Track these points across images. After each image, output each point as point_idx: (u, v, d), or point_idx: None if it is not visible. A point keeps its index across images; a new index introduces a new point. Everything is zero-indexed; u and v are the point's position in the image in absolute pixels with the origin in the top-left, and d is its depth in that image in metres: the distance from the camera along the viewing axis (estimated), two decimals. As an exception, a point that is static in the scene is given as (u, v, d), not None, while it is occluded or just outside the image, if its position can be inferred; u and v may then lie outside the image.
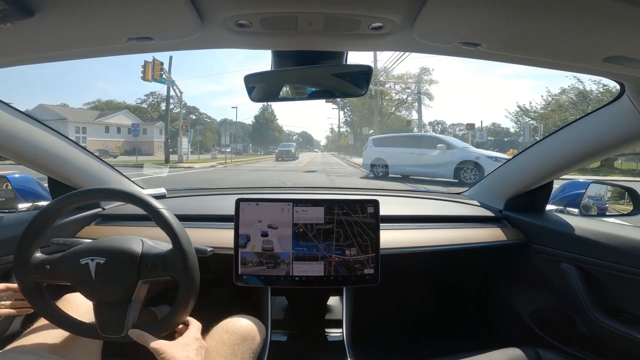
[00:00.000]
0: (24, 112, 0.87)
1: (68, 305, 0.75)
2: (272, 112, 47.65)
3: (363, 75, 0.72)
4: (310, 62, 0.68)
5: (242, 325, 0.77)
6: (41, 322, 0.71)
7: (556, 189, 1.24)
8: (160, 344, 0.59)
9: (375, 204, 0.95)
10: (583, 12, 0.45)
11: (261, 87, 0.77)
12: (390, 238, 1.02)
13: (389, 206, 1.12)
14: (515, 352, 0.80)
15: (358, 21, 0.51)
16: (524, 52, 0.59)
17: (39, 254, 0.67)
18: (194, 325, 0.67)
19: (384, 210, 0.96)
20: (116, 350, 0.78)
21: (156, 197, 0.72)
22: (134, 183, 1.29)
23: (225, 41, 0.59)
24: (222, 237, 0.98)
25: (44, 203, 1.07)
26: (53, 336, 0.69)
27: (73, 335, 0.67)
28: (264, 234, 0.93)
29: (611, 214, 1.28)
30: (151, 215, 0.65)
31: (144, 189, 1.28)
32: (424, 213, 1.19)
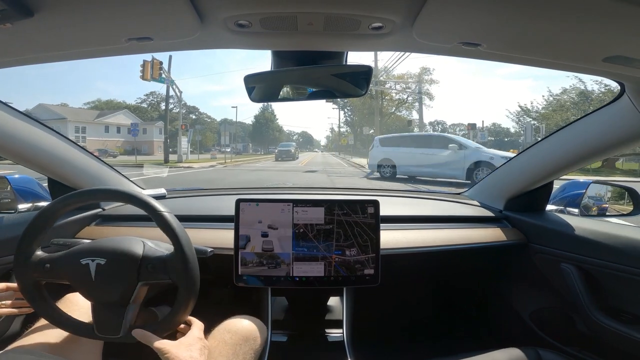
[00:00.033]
0: (23, 112, 0.87)
1: (70, 304, 0.75)
2: (272, 112, 47.74)
3: (363, 75, 0.72)
4: (310, 62, 0.68)
5: (244, 326, 0.77)
6: (42, 322, 0.71)
7: (556, 188, 1.24)
8: (164, 344, 0.59)
9: (376, 204, 0.95)
10: (583, 12, 0.45)
11: (261, 88, 0.77)
12: (390, 238, 1.02)
13: (389, 206, 1.12)
14: (515, 352, 0.80)
15: (358, 21, 0.51)
16: (524, 52, 0.59)
17: (39, 252, 0.67)
18: (197, 325, 0.67)
19: (384, 211, 0.96)
20: (117, 351, 0.78)
21: (156, 198, 0.72)
22: (134, 183, 1.29)
23: (225, 41, 0.59)
24: (222, 238, 0.97)
25: (44, 204, 1.07)
26: (54, 336, 0.68)
27: (74, 335, 0.67)
28: (264, 235, 0.93)
29: (611, 214, 1.28)
30: (154, 218, 0.65)
31: (143, 189, 1.28)
32: (424, 213, 1.19)
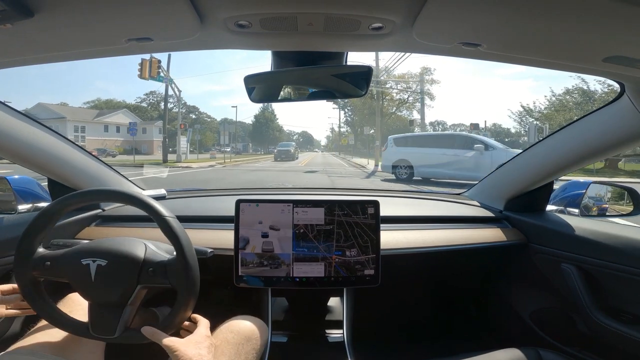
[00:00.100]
0: (22, 112, 0.87)
1: (71, 304, 0.75)
2: (272, 112, 47.78)
3: (363, 75, 0.72)
4: (310, 63, 0.68)
5: (246, 326, 0.77)
6: (42, 323, 0.71)
7: (557, 188, 1.24)
8: (173, 342, 0.59)
9: (376, 204, 0.95)
10: (583, 12, 0.45)
11: (261, 88, 0.77)
12: (390, 239, 1.02)
13: (389, 207, 1.12)
14: (515, 353, 0.80)
15: (358, 22, 0.51)
16: (524, 53, 0.59)
17: (41, 249, 0.67)
18: (204, 323, 0.67)
19: (384, 211, 0.96)
20: (119, 352, 0.78)
21: (156, 198, 0.72)
22: (133, 184, 1.28)
23: (225, 42, 0.59)
24: (222, 238, 0.97)
25: (43, 204, 1.06)
26: (55, 337, 0.68)
27: (75, 336, 0.67)
28: (264, 235, 0.93)
29: (611, 214, 1.28)
30: (157, 222, 0.64)
31: (143, 189, 1.28)
32: (425, 214, 1.19)
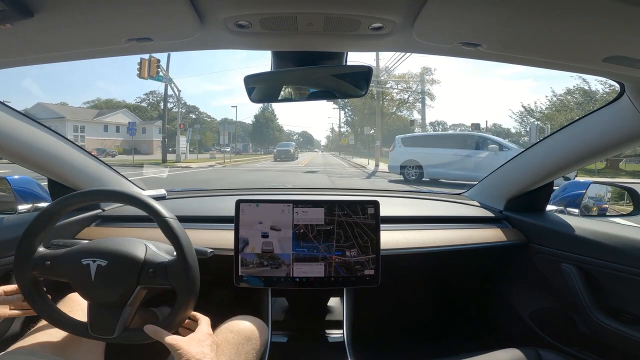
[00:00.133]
0: (22, 112, 0.87)
1: (72, 304, 0.75)
2: (273, 112, 47.74)
3: (363, 75, 0.72)
4: (310, 63, 0.68)
5: (246, 326, 0.77)
6: (42, 323, 0.71)
7: (557, 189, 1.24)
8: (176, 340, 0.59)
9: (376, 204, 0.95)
10: (583, 12, 0.45)
11: (261, 88, 0.77)
12: (390, 239, 1.02)
13: (389, 207, 1.12)
14: (515, 353, 0.80)
15: (358, 22, 0.51)
16: (524, 53, 0.59)
17: (41, 249, 0.67)
18: (205, 321, 0.67)
19: (384, 211, 0.96)
20: (119, 352, 0.78)
21: (156, 199, 0.72)
22: (133, 184, 1.28)
23: (225, 42, 0.59)
24: (222, 238, 0.97)
25: (43, 204, 1.06)
26: (55, 337, 0.68)
27: (75, 336, 0.67)
28: (264, 235, 0.93)
29: (611, 214, 1.28)
30: (158, 223, 0.64)
31: (143, 189, 1.28)
32: (425, 214, 1.19)
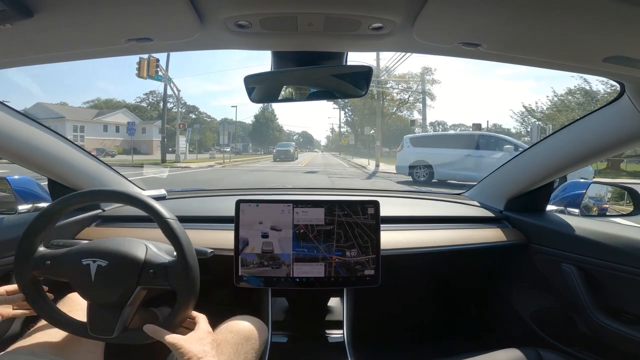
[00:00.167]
0: (21, 112, 0.87)
1: (71, 304, 0.75)
2: (272, 112, 47.65)
3: (363, 75, 0.72)
4: (310, 63, 0.68)
5: (246, 326, 0.77)
6: (42, 323, 0.71)
7: (557, 189, 1.24)
8: (177, 339, 0.59)
9: (376, 204, 0.95)
10: (583, 12, 0.45)
11: (261, 88, 0.77)
12: (390, 239, 1.02)
13: (389, 207, 1.12)
14: (516, 353, 0.80)
15: (358, 22, 0.51)
16: (524, 53, 0.59)
17: (42, 248, 0.67)
18: (202, 318, 0.67)
19: (384, 211, 0.96)
20: (119, 352, 0.78)
21: (156, 199, 0.72)
22: (133, 184, 1.28)
23: (225, 42, 0.59)
24: (223, 239, 0.97)
25: (43, 204, 1.06)
26: (54, 337, 0.68)
27: (75, 336, 0.67)
28: (264, 235, 0.93)
29: (612, 214, 1.28)
30: (159, 224, 0.64)
31: (144, 190, 1.27)
32: (425, 214, 1.19)
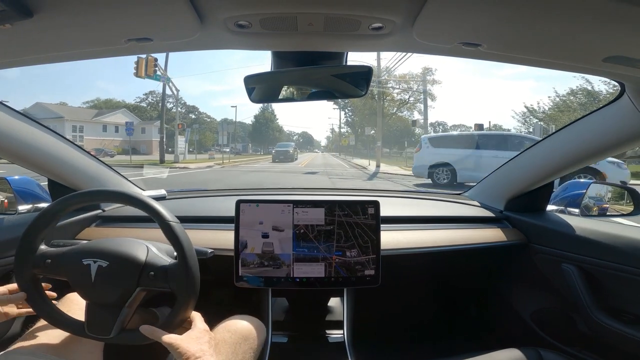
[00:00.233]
0: (21, 112, 0.87)
1: (70, 303, 0.75)
2: (272, 112, 47.57)
3: (363, 75, 0.72)
4: (310, 63, 0.68)
5: (244, 325, 0.77)
6: (42, 323, 0.71)
7: (558, 188, 1.24)
8: (174, 339, 0.59)
9: (376, 205, 0.95)
10: (583, 12, 0.45)
11: (261, 88, 0.77)
12: (391, 239, 1.02)
13: (389, 207, 1.12)
14: (516, 353, 0.80)
15: (358, 22, 0.51)
16: (524, 53, 0.59)
17: (43, 246, 0.67)
18: (199, 317, 0.67)
19: (384, 211, 0.96)
20: (118, 352, 0.78)
21: (156, 199, 0.72)
22: (133, 184, 1.28)
23: (225, 42, 0.59)
24: (223, 239, 0.97)
25: (43, 205, 1.06)
26: (54, 337, 0.68)
27: (74, 336, 0.67)
28: (265, 235, 0.93)
29: (612, 214, 1.28)
30: (161, 226, 0.64)
31: (144, 190, 1.27)
32: (425, 214, 1.19)
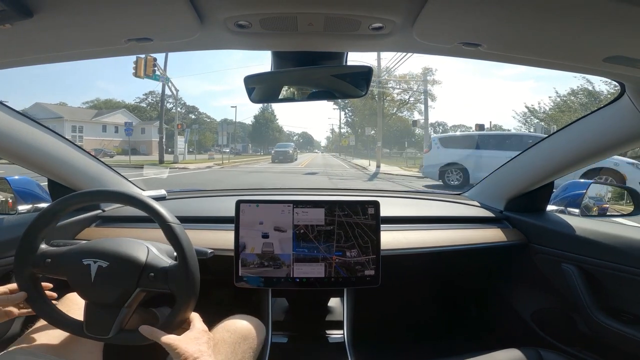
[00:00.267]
0: (21, 112, 0.87)
1: (70, 303, 0.75)
2: (272, 112, 47.58)
3: (363, 76, 0.72)
4: (310, 63, 0.68)
5: (243, 325, 0.77)
6: (41, 323, 0.71)
7: (558, 189, 1.24)
8: (172, 339, 0.59)
9: (376, 205, 0.95)
10: (583, 12, 0.45)
11: (261, 88, 0.77)
12: (391, 239, 1.01)
13: (389, 207, 1.11)
14: (516, 353, 0.80)
15: (358, 22, 0.51)
16: (524, 53, 0.59)
17: (43, 245, 0.67)
18: (197, 317, 0.67)
19: (384, 212, 0.96)
20: (118, 352, 0.77)
21: (156, 199, 0.72)
22: (133, 184, 1.28)
23: (225, 42, 0.59)
24: (223, 239, 0.97)
25: (43, 205, 1.06)
26: (54, 337, 0.68)
27: (74, 335, 0.67)
28: (265, 236, 0.93)
29: (612, 214, 1.28)
30: (162, 227, 0.64)
31: (144, 190, 1.27)
32: (425, 214, 1.19)
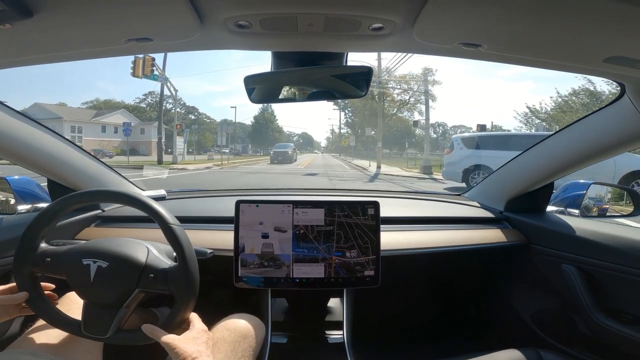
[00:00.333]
0: (20, 112, 0.87)
1: (70, 303, 0.75)
2: (272, 113, 47.61)
3: (363, 76, 0.72)
4: (310, 63, 0.68)
5: (243, 324, 0.77)
6: (41, 322, 0.70)
7: (558, 189, 1.24)
8: (172, 339, 0.59)
9: (376, 205, 0.95)
10: (583, 13, 0.45)
11: (261, 88, 0.77)
12: (390, 239, 1.01)
13: (389, 208, 1.11)
14: (516, 354, 0.80)
15: (358, 22, 0.51)
16: (525, 53, 0.59)
17: (43, 244, 0.67)
18: (196, 317, 0.67)
19: (384, 212, 0.96)
20: (117, 352, 0.77)
21: (156, 199, 0.72)
22: (133, 184, 1.28)
23: (225, 42, 0.59)
24: (222, 239, 0.97)
25: (43, 205, 1.06)
26: (53, 336, 0.68)
27: (74, 335, 0.67)
28: (264, 236, 0.92)
29: (612, 215, 1.28)
30: (162, 229, 0.64)
31: (144, 190, 1.27)
32: (425, 214, 1.19)
